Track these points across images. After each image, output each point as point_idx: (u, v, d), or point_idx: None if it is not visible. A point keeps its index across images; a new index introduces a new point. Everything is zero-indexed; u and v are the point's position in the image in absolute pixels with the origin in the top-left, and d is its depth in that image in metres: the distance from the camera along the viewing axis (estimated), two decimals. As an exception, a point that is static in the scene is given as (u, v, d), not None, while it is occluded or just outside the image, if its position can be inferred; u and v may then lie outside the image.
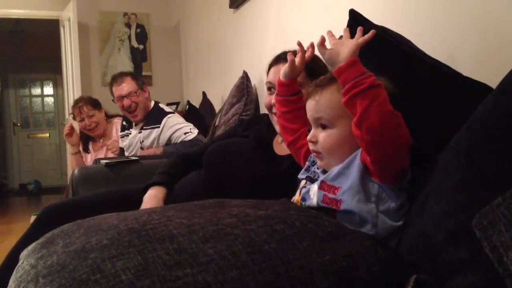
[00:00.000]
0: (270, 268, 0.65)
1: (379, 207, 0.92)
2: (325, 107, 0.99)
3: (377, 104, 0.86)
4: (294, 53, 1.20)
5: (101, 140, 3.15)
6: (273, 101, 1.36)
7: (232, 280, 0.62)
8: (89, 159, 3.15)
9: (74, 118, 3.17)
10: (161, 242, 0.68)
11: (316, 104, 1.01)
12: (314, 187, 1.00)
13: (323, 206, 0.95)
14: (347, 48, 0.93)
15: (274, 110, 1.35)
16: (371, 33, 0.97)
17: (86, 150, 3.18)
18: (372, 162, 0.90)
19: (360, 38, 0.97)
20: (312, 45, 1.19)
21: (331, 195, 0.95)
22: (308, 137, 1.04)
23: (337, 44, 0.96)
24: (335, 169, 0.97)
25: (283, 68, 1.18)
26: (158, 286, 0.60)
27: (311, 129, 1.04)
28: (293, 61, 1.15)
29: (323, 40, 0.98)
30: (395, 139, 0.88)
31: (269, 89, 1.42)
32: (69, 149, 3.47)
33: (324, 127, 1.00)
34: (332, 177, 0.97)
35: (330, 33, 1.03)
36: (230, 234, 0.70)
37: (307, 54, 1.18)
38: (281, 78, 1.19)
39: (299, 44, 1.18)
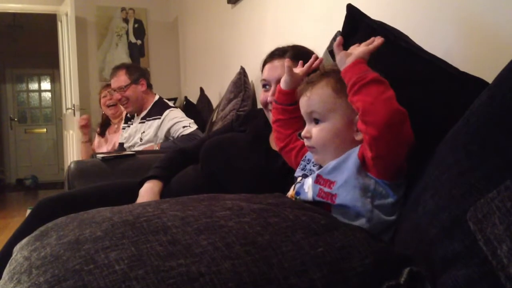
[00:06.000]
0: (263, 259, 0.65)
1: (374, 202, 0.92)
2: (316, 101, 1.01)
3: (382, 100, 0.87)
4: (284, 51, 1.26)
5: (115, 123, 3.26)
6: (269, 98, 1.36)
7: (225, 271, 0.62)
8: (103, 142, 3.29)
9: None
10: (154, 234, 0.68)
11: (307, 100, 1.03)
12: (309, 181, 1.00)
13: (318, 200, 0.95)
14: (357, 51, 0.98)
15: (270, 107, 1.35)
16: (381, 40, 1.01)
17: (103, 134, 3.33)
18: (372, 158, 0.90)
19: (371, 44, 1.01)
20: (318, 59, 1.23)
21: (326, 189, 0.95)
22: (303, 133, 1.05)
23: (352, 48, 1.01)
24: (331, 163, 0.97)
25: (284, 77, 1.19)
26: (152, 276, 0.60)
27: (301, 133, 1.06)
28: (290, 68, 1.16)
29: (340, 41, 1.02)
30: (399, 136, 0.88)
31: (264, 86, 1.41)
32: (79, 137, 3.62)
33: (317, 121, 1.02)
34: (328, 171, 0.97)
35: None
36: (224, 226, 0.71)
37: (313, 66, 1.22)
38: (282, 86, 1.19)
39: (316, 57, 1.24)
